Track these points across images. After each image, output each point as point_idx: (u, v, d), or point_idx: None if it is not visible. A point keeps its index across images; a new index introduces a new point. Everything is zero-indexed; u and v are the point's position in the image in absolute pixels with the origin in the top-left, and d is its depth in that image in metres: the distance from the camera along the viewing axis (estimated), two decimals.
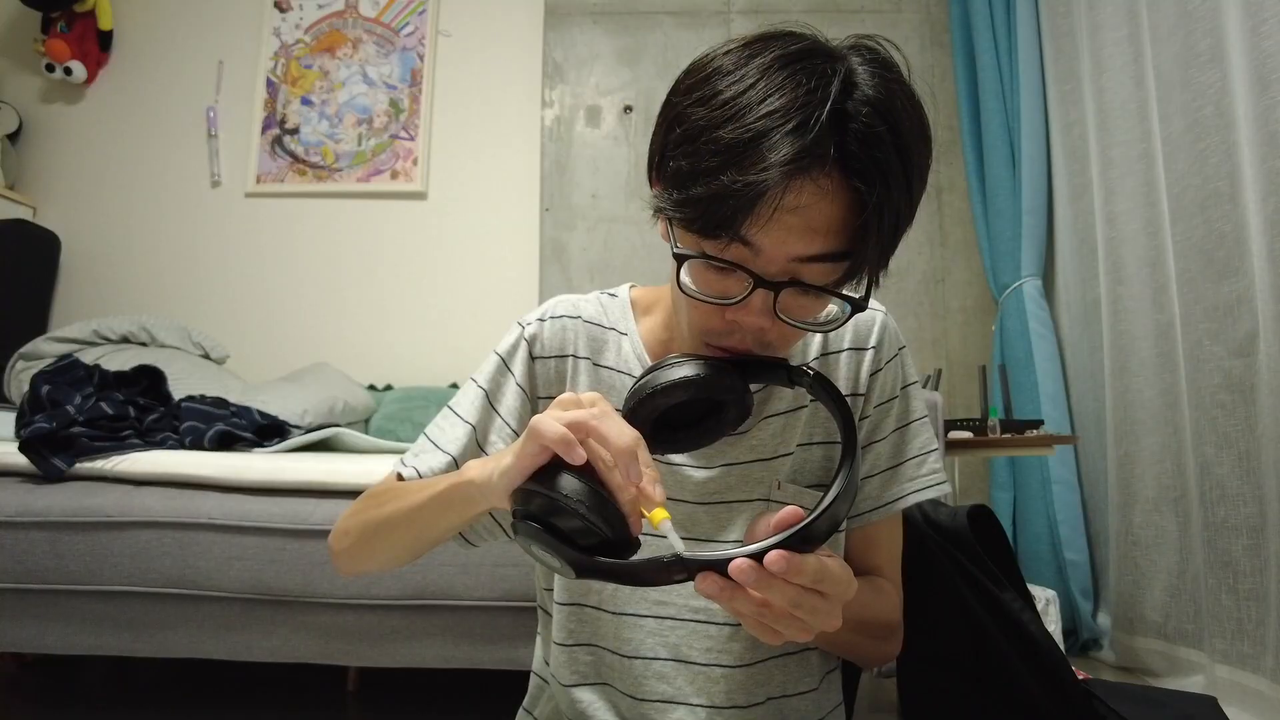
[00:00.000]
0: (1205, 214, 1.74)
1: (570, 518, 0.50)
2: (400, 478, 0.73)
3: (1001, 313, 2.61)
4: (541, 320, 0.78)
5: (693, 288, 0.60)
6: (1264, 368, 1.57)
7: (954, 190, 2.84)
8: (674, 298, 0.68)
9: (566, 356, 0.77)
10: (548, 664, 0.80)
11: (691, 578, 0.48)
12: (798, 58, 0.55)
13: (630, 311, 0.79)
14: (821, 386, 0.62)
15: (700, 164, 0.55)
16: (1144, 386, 2.03)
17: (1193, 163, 1.78)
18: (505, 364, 0.77)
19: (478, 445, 0.75)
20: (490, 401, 0.76)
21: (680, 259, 0.59)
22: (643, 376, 0.63)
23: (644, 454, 0.52)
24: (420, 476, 0.72)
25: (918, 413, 0.77)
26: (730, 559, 0.47)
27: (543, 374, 0.77)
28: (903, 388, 0.77)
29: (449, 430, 0.75)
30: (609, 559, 0.50)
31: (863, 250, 0.56)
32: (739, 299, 0.58)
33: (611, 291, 0.82)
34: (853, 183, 0.54)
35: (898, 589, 0.76)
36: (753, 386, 0.65)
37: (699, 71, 0.59)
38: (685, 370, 0.61)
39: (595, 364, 0.77)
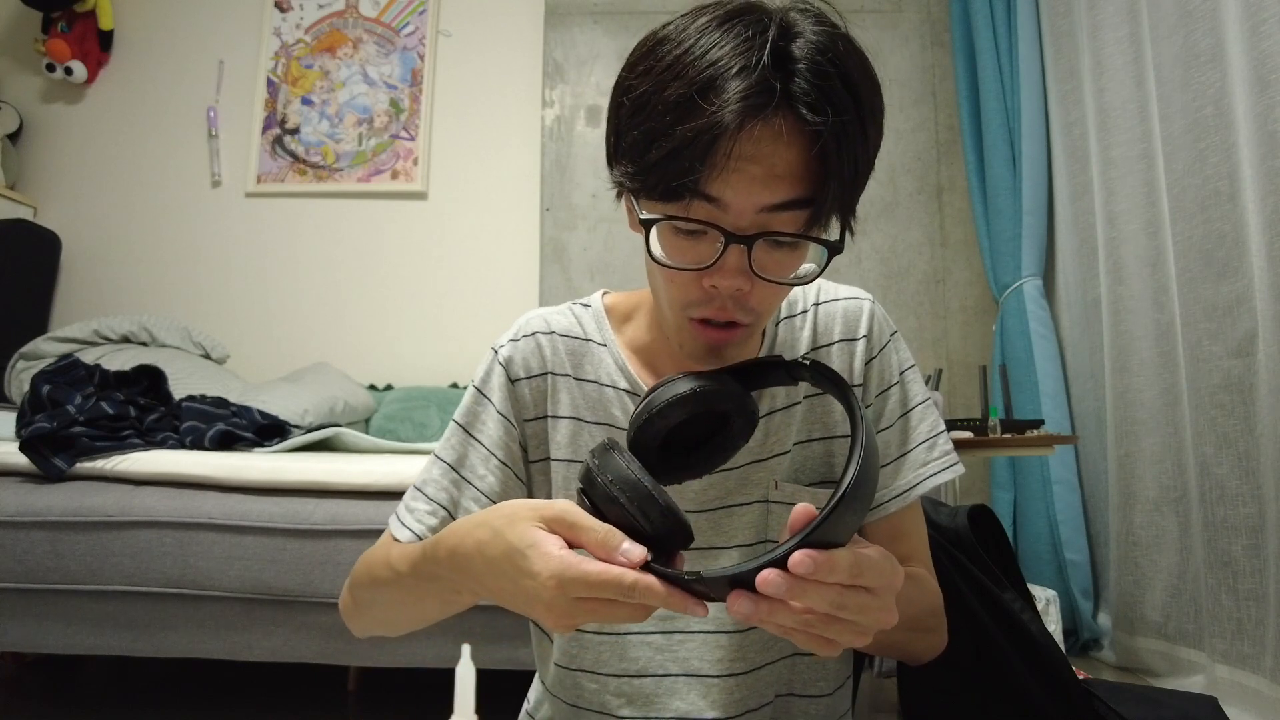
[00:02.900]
0: (1205, 214, 1.74)
1: (614, 506, 0.49)
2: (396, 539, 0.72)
3: (1002, 313, 2.61)
4: (514, 340, 0.75)
5: (666, 258, 0.60)
6: (1263, 368, 1.57)
7: (954, 190, 2.84)
8: (651, 280, 0.66)
9: (545, 375, 0.74)
10: (544, 683, 0.80)
11: (717, 597, 0.46)
12: (733, 15, 0.56)
13: (605, 320, 0.77)
14: (821, 374, 0.59)
15: (652, 127, 0.56)
16: (1144, 386, 2.04)
17: (1193, 162, 1.78)
18: (481, 393, 0.74)
19: (456, 478, 0.73)
20: (467, 432, 0.74)
21: (648, 224, 0.59)
22: (640, 402, 0.60)
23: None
24: (412, 533, 0.71)
25: (920, 396, 0.75)
26: (756, 569, 0.44)
27: (524, 396, 0.74)
28: (901, 372, 0.75)
29: (430, 472, 0.74)
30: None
31: (826, 191, 0.56)
32: (713, 261, 0.57)
33: (584, 301, 0.79)
34: (805, 120, 0.54)
35: (933, 574, 0.75)
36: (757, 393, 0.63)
37: (641, 47, 0.60)
38: (679, 388, 0.58)
39: (576, 379, 0.75)
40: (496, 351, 0.75)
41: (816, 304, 0.76)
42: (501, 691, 1.01)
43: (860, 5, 2.90)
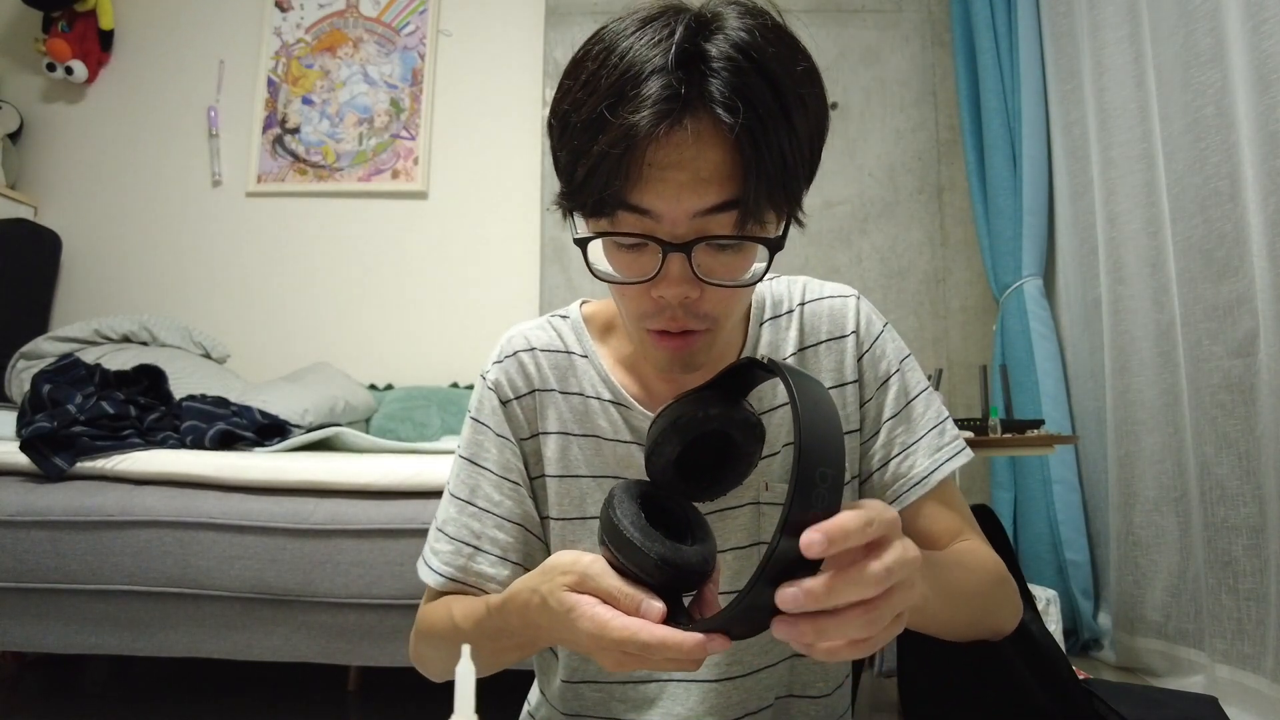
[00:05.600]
0: (1205, 214, 1.74)
1: (618, 562, 0.51)
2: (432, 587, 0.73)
3: (1002, 312, 2.61)
4: (499, 363, 0.76)
5: (610, 273, 0.59)
6: (1264, 368, 1.57)
7: (955, 190, 2.84)
8: (611, 295, 0.66)
9: (533, 392, 0.75)
10: (544, 693, 0.80)
11: (746, 634, 0.47)
12: (646, 20, 0.55)
13: (585, 331, 0.77)
14: (775, 366, 0.54)
15: (575, 146, 0.56)
16: (1144, 386, 2.03)
17: (1193, 162, 1.78)
18: (478, 421, 0.75)
19: (474, 511, 0.73)
20: (474, 463, 0.74)
21: (581, 243, 0.59)
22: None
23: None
24: (441, 576, 0.71)
25: (921, 384, 0.75)
26: (737, 608, 0.44)
27: (517, 417, 0.74)
28: (900, 362, 0.75)
29: (447, 511, 0.74)
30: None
31: (749, 188, 0.54)
32: (656, 272, 0.57)
33: (562, 313, 0.79)
34: (721, 121, 0.52)
35: (984, 539, 0.73)
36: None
37: (568, 66, 0.59)
38: (662, 422, 0.58)
39: (562, 393, 0.75)
40: (485, 378, 0.76)
41: (802, 303, 0.76)
42: (501, 691, 1.02)
43: (860, 5, 2.89)
